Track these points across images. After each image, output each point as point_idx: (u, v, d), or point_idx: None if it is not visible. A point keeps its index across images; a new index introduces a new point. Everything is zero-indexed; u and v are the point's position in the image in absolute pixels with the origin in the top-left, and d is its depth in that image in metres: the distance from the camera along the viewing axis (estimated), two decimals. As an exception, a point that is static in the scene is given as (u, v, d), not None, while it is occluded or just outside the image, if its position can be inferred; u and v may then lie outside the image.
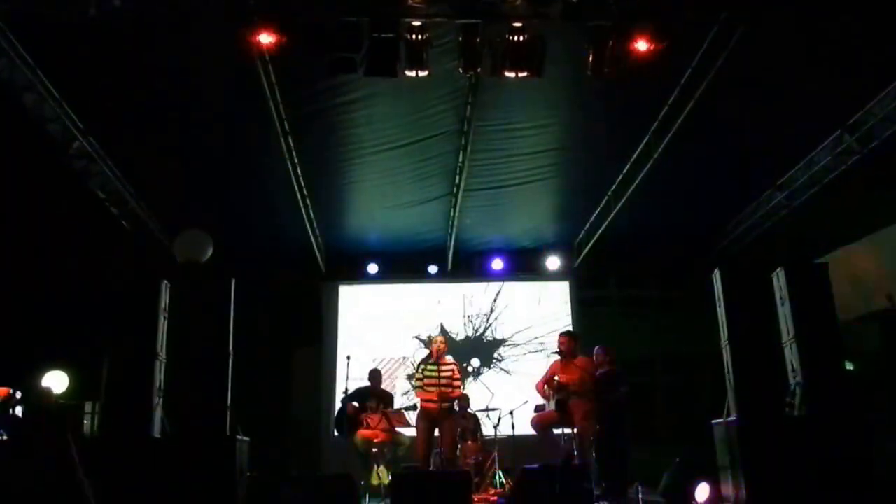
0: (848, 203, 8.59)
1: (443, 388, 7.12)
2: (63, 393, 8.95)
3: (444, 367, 7.19)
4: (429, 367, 7.28)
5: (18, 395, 5.34)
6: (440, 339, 7.31)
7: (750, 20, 5.79)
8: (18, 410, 5.19)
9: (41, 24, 5.87)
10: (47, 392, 5.35)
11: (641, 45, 5.70)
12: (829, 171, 8.09)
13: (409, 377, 7.41)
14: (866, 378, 8.30)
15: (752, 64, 6.36)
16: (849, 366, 6.98)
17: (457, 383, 7.21)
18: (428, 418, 7.09)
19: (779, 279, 6.29)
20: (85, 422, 9.97)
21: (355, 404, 7.70)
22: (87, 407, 10.08)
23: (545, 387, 7.19)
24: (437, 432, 7.25)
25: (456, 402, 7.62)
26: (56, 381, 8.74)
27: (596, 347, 7.82)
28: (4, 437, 4.67)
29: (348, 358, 7.77)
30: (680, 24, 5.77)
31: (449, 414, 7.10)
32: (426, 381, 7.26)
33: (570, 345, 7.22)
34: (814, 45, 6.20)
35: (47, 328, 8.64)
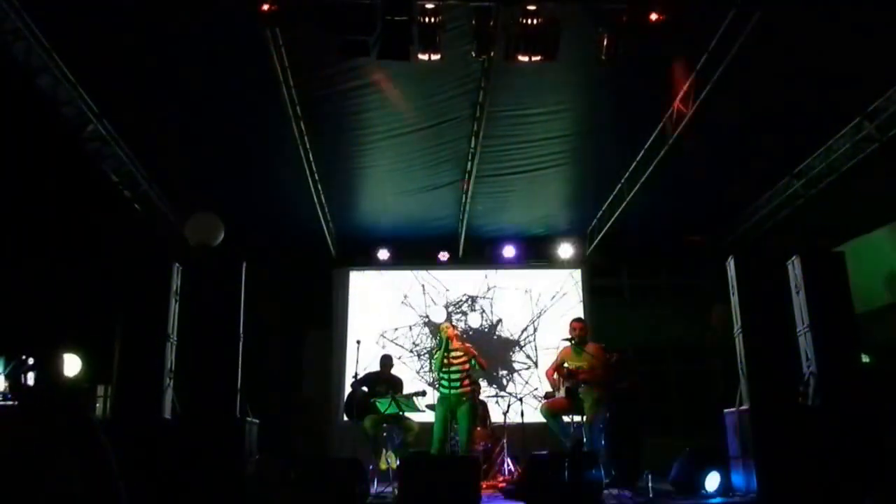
0: (866, 192, 8.47)
1: (453, 375, 7.11)
2: (76, 376, 9.02)
3: (455, 354, 7.16)
4: (440, 353, 7.26)
5: (31, 360, 5.33)
6: (445, 325, 7.29)
7: (767, 3, 5.69)
8: (30, 379, 5.19)
9: (57, 7, 5.88)
10: (58, 365, 5.33)
11: (656, 29, 5.61)
12: (847, 158, 7.96)
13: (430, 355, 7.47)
14: (884, 370, 8.21)
15: (770, 49, 6.26)
16: (865, 358, 6.90)
17: (468, 367, 7.19)
18: (445, 405, 7.09)
19: (794, 267, 6.22)
20: (97, 405, 10.07)
21: (365, 389, 7.72)
22: (100, 390, 10.18)
23: (555, 374, 7.16)
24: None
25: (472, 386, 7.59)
26: (69, 364, 8.81)
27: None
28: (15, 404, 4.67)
29: (358, 342, 7.80)
30: (696, 7, 5.68)
31: (465, 400, 7.07)
32: (440, 368, 7.24)
33: (583, 331, 7.18)
34: (833, 31, 6.08)
35: (59, 311, 8.70)
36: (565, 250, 11.14)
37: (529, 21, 5.69)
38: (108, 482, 2.43)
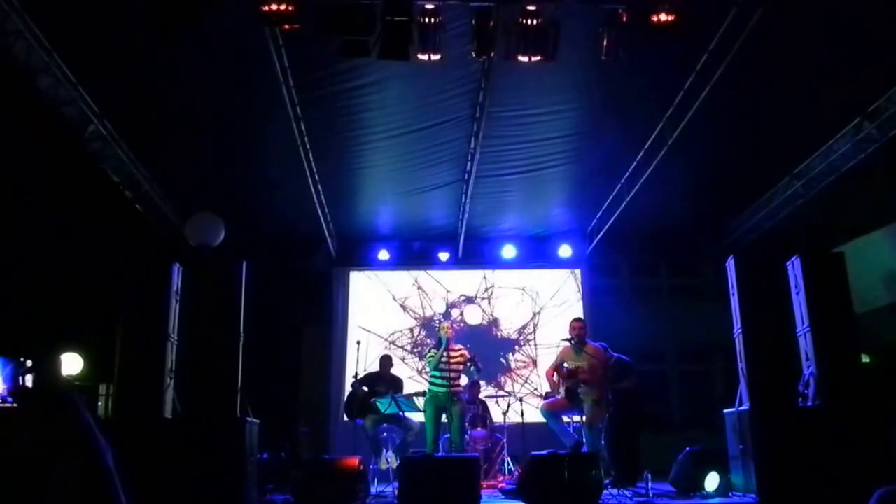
0: (866, 192, 8.48)
1: (451, 374, 7.12)
2: (77, 375, 9.03)
3: (452, 354, 7.17)
4: (437, 352, 7.29)
5: (29, 363, 5.36)
6: (446, 325, 7.33)
7: (768, 2, 5.68)
8: (29, 381, 5.22)
9: (58, 7, 5.88)
10: (56, 366, 5.36)
11: (657, 28, 5.62)
12: (847, 158, 7.96)
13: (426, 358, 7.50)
14: (885, 369, 8.21)
15: (770, 49, 6.26)
16: (865, 358, 6.90)
17: (463, 367, 7.21)
18: (436, 403, 7.10)
19: (794, 268, 6.22)
20: (99, 404, 10.09)
21: (365, 389, 7.73)
22: (102, 389, 10.19)
23: (555, 374, 7.16)
24: (444, 418, 7.25)
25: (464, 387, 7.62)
26: (70, 363, 8.82)
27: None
28: (15, 406, 4.69)
29: (358, 343, 7.83)
30: (697, 6, 5.68)
31: (458, 399, 7.09)
32: (437, 366, 7.26)
33: (583, 331, 7.19)
34: (833, 30, 6.09)
35: (61, 310, 8.71)
36: (565, 250, 11.14)
37: (529, 21, 5.69)
38: (107, 483, 2.42)
